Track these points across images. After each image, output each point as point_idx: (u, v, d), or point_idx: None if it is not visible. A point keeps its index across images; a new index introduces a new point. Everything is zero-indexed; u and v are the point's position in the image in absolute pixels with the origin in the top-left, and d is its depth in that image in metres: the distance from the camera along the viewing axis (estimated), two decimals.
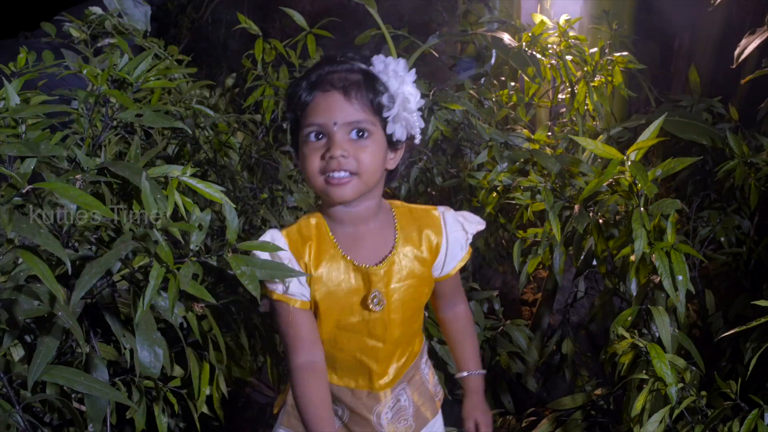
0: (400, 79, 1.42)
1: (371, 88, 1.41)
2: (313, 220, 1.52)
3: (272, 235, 1.47)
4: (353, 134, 1.40)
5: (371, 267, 1.49)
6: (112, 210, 1.44)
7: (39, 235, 1.07)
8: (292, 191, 2.54)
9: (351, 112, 1.39)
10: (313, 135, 1.41)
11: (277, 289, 1.47)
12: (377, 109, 1.41)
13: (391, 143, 1.46)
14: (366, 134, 1.41)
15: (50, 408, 1.36)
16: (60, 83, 1.97)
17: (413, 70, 1.45)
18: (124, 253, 1.19)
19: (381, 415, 1.58)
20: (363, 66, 1.44)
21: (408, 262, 1.52)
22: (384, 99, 1.41)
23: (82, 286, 1.13)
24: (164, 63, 2.33)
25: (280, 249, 1.41)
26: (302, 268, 1.47)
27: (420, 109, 1.48)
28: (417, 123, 1.47)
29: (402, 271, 1.51)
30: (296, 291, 1.47)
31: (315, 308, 1.51)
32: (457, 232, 1.57)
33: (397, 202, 1.60)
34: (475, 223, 1.61)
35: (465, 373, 1.74)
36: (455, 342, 1.75)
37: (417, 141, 1.52)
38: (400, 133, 1.45)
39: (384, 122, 1.43)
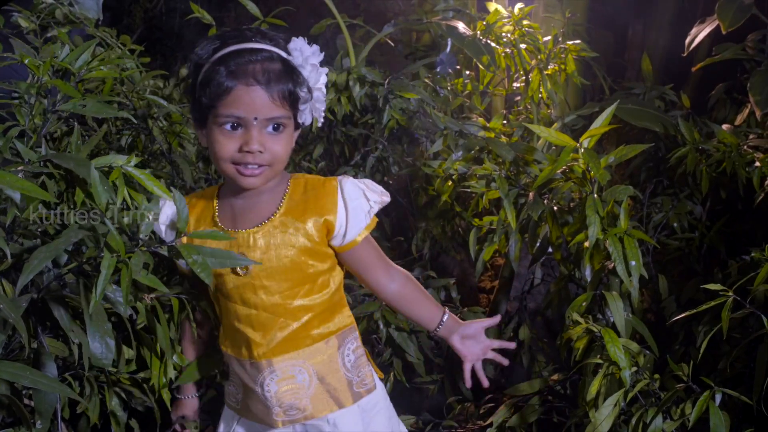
0: (316, 71, 1.47)
1: (290, 80, 1.44)
2: (209, 190, 1.62)
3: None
4: (270, 128, 1.44)
5: (240, 231, 1.53)
6: (57, 204, 1.42)
7: None
8: None
9: (272, 108, 1.42)
10: (229, 125, 1.44)
11: None
12: (294, 102, 1.46)
13: (297, 126, 1.53)
14: (282, 128, 1.46)
15: (0, 405, 1.33)
16: (9, 74, 1.93)
17: (319, 52, 1.50)
18: (73, 240, 1.18)
19: (264, 385, 1.57)
20: (282, 54, 1.45)
21: (287, 230, 1.53)
22: (302, 92, 1.46)
23: (30, 270, 1.11)
24: (116, 53, 2.30)
25: (229, 237, 1.43)
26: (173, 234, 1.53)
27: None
28: (322, 107, 1.54)
29: (277, 239, 1.52)
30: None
31: None
32: (357, 199, 1.56)
33: (299, 175, 1.61)
34: (378, 193, 1.60)
35: (437, 328, 1.70)
36: (411, 308, 1.71)
37: (320, 122, 1.58)
38: (308, 119, 1.52)
39: (297, 112, 1.49)
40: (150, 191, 1.40)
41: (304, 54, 1.46)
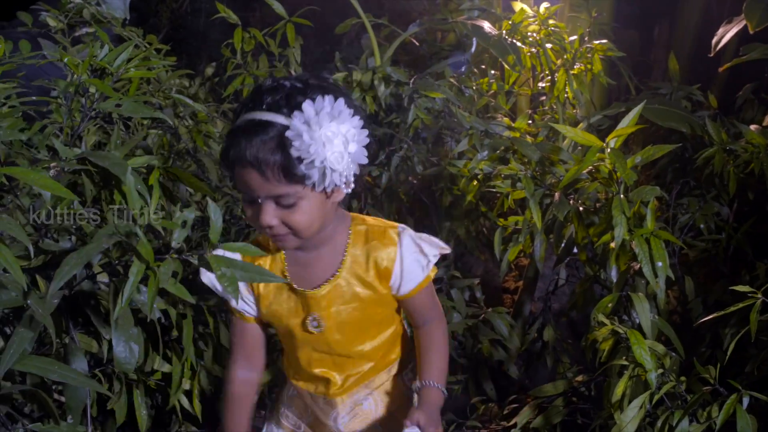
0: (321, 141, 1.27)
1: (286, 160, 1.29)
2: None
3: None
4: (281, 203, 1.34)
5: (309, 291, 1.49)
6: (95, 201, 1.44)
7: (0, 220, 1.06)
8: None
9: (270, 188, 1.32)
10: (245, 200, 1.38)
11: (224, 297, 1.53)
12: (298, 179, 1.31)
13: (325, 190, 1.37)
14: (292, 203, 1.35)
15: (31, 399, 1.35)
16: (38, 73, 1.95)
17: (344, 112, 1.30)
18: (105, 245, 1.18)
19: (338, 419, 1.61)
20: (282, 124, 1.30)
21: (352, 285, 1.50)
22: (301, 170, 1.29)
23: (61, 276, 1.12)
24: (143, 53, 2.31)
25: (262, 253, 1.39)
26: (249, 286, 1.53)
27: (372, 142, 1.36)
28: (350, 170, 1.34)
29: (345, 295, 1.50)
30: (238, 306, 1.55)
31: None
32: (414, 254, 1.52)
33: (359, 219, 1.54)
34: (436, 247, 1.54)
35: (420, 383, 1.59)
36: (420, 354, 1.66)
37: (348, 189, 1.40)
38: (331, 185, 1.34)
39: (306, 183, 1.33)
40: (193, 187, 1.39)
41: (310, 124, 1.27)
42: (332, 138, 1.28)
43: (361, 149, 1.33)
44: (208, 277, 1.47)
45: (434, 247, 1.54)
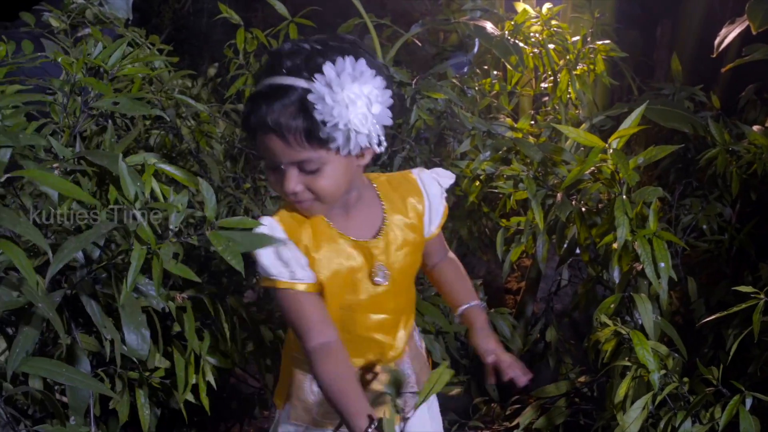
0: (344, 104, 1.26)
1: (309, 122, 1.28)
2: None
3: (270, 225, 1.40)
4: (303, 168, 1.34)
5: (370, 241, 1.49)
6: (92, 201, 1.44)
7: (19, 224, 1.06)
8: None
9: (292, 153, 1.31)
10: (268, 167, 1.38)
11: (282, 276, 1.41)
12: (321, 143, 1.31)
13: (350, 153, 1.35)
14: (315, 168, 1.34)
15: (33, 400, 1.35)
16: (39, 72, 1.95)
17: (366, 73, 1.28)
18: (104, 232, 1.18)
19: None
20: (303, 88, 1.28)
21: (400, 230, 1.53)
22: (325, 133, 1.28)
23: (60, 259, 1.11)
24: (145, 51, 2.31)
25: (259, 224, 1.37)
26: (301, 250, 1.43)
27: (396, 102, 1.34)
28: (375, 131, 1.32)
29: (397, 240, 1.52)
30: (302, 275, 1.42)
31: (320, 291, 1.48)
32: (435, 188, 1.59)
33: (374, 175, 1.58)
34: (447, 177, 1.62)
35: (465, 306, 1.68)
36: (449, 284, 1.73)
37: (381, 148, 1.36)
38: (356, 148, 1.32)
39: (330, 147, 1.32)
40: (182, 183, 1.40)
41: (332, 85, 1.26)
42: (355, 99, 1.27)
43: (385, 110, 1.32)
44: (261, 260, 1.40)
45: (446, 177, 1.62)
